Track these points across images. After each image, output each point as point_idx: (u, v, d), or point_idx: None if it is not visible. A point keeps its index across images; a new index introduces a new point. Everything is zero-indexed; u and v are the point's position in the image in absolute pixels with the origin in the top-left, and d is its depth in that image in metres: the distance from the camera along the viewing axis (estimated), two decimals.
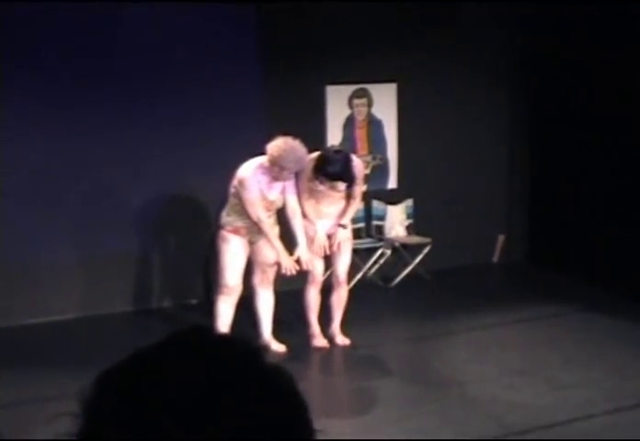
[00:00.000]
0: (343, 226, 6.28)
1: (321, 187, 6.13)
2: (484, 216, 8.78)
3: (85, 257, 7.24)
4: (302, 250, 6.07)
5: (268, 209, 6.01)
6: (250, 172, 5.90)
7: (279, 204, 6.09)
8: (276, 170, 5.85)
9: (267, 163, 5.87)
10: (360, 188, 6.34)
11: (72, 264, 7.18)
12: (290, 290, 6.76)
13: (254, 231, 6.07)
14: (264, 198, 5.98)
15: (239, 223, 6.05)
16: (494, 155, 8.75)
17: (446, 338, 6.69)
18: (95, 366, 1.15)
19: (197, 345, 0.98)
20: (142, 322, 7.06)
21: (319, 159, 6.02)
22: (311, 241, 6.18)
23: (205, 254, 7.41)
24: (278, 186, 6.02)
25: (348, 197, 6.27)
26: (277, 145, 5.81)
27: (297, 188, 6.11)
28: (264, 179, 5.93)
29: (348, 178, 6.11)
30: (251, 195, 5.91)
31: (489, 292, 7.99)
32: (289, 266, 5.97)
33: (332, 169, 6.02)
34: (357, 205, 6.42)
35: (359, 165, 6.28)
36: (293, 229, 6.10)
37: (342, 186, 6.15)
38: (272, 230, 6.02)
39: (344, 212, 6.30)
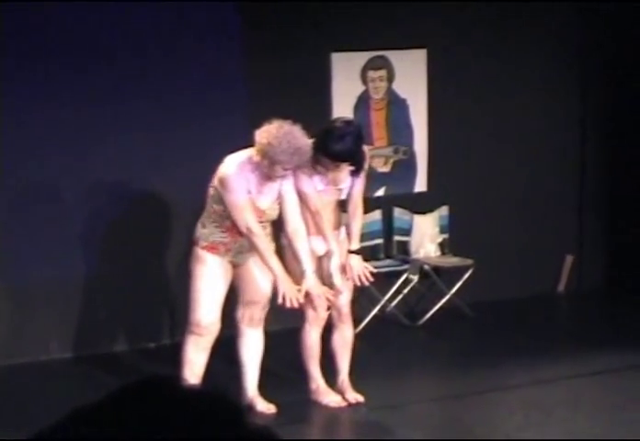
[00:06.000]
0: (356, 253, 6.26)
1: (322, 183, 6.10)
2: (546, 230, 8.81)
3: (8, 286, 7.27)
4: (310, 280, 6.06)
5: (259, 221, 6.04)
6: (235, 168, 5.96)
7: (271, 215, 6.12)
8: (265, 164, 5.88)
9: (256, 157, 5.91)
10: (362, 187, 6.28)
11: None
12: (282, 330, 6.79)
13: (237, 248, 6.12)
14: (251, 205, 5.99)
15: (217, 238, 6.11)
16: (559, 148, 8.79)
17: (494, 396, 6.72)
18: (22, 429, 1.20)
19: (156, 402, 1.00)
20: (84, 371, 7.12)
21: (321, 135, 5.97)
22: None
23: (171, 280, 7.44)
24: (271, 190, 6.05)
25: (340, 202, 6.18)
26: (267, 130, 5.84)
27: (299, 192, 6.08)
28: (253, 179, 5.98)
29: (359, 160, 6.08)
30: (237, 197, 5.95)
31: (553, 333, 8.00)
32: (291, 295, 5.92)
33: (340, 146, 5.96)
34: (361, 215, 6.39)
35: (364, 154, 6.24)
36: (295, 249, 6.09)
37: (346, 177, 6.10)
38: (268, 245, 6.03)
39: (346, 228, 6.20)
